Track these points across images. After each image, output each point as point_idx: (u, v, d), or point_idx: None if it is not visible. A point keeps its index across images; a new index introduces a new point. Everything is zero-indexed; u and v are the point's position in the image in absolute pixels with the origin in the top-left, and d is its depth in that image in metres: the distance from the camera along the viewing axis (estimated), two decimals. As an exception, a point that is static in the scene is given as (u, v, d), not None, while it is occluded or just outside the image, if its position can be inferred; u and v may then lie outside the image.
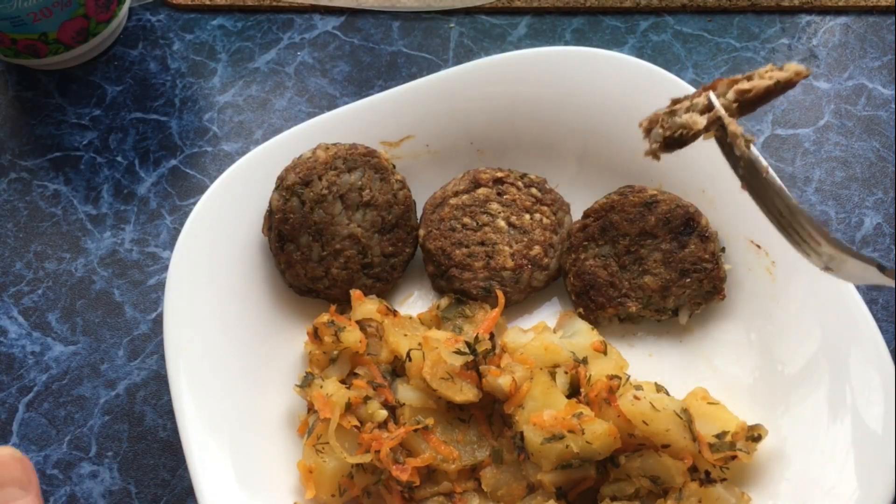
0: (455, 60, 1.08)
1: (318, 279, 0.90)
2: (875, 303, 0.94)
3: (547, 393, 0.81)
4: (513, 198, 0.93)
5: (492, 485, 0.82)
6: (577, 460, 0.79)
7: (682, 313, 0.90)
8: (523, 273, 0.91)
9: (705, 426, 0.81)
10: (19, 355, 0.95)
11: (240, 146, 1.04)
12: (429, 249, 0.92)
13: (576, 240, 0.92)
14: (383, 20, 1.10)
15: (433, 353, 0.83)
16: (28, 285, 0.98)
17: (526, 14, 1.10)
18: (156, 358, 0.94)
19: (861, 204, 0.99)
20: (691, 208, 0.90)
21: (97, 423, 0.92)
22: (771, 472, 0.82)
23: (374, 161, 0.91)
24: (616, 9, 1.09)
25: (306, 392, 0.85)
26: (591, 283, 0.91)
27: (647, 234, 0.90)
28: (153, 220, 1.01)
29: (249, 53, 1.09)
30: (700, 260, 0.89)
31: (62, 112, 1.07)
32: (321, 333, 0.86)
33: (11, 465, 0.70)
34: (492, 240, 0.92)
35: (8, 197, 1.02)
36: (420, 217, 0.94)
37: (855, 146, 1.02)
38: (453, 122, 0.95)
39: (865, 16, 1.09)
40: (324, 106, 1.06)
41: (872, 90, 1.05)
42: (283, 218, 0.89)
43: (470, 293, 0.91)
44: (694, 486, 0.79)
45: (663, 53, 1.07)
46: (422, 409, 0.83)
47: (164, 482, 0.90)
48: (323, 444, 0.81)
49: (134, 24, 1.11)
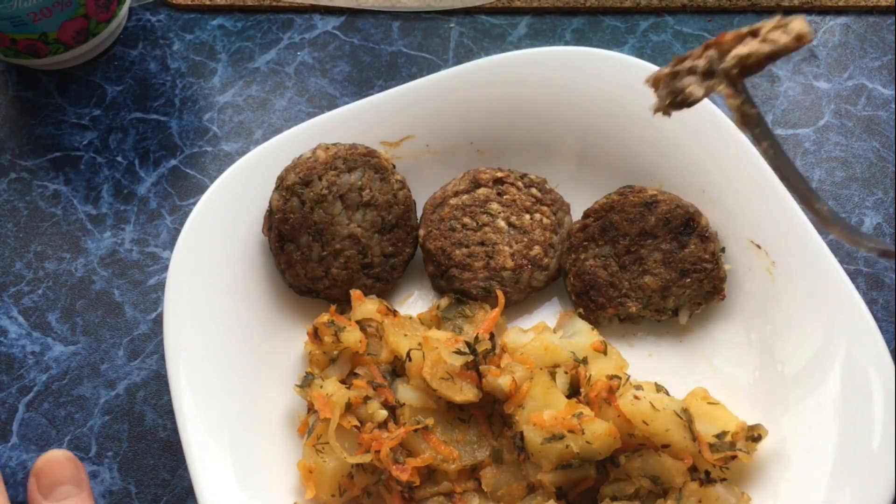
0: (455, 60, 1.08)
1: (319, 279, 0.90)
2: (875, 303, 0.94)
3: (547, 393, 0.81)
4: (513, 198, 0.93)
5: (492, 485, 0.82)
6: (577, 460, 0.79)
7: (683, 313, 0.90)
8: (523, 273, 0.91)
9: (705, 426, 0.81)
10: (19, 355, 0.95)
11: (240, 146, 1.04)
12: (429, 249, 0.92)
13: (576, 240, 0.92)
14: (383, 20, 1.10)
15: (433, 353, 0.83)
16: (28, 285, 0.98)
17: (526, 14, 1.10)
18: (156, 358, 0.94)
19: (861, 204, 0.99)
20: (691, 208, 0.90)
21: (97, 423, 0.92)
22: (771, 473, 0.82)
23: (374, 161, 0.91)
24: (616, 9, 1.09)
25: (306, 392, 0.85)
26: (591, 283, 0.91)
27: (647, 235, 0.90)
28: (153, 220, 1.01)
29: (249, 53, 1.09)
30: (700, 260, 0.89)
31: (62, 112, 1.07)
32: (321, 333, 0.86)
33: (66, 465, 0.79)
34: (492, 240, 0.92)
35: (8, 197, 1.02)
36: (420, 217, 0.94)
37: (855, 146, 1.02)
38: (453, 122, 0.95)
39: (865, 16, 1.09)
40: (324, 106, 1.06)
41: (872, 90, 1.05)
42: (283, 218, 0.89)
43: (470, 293, 0.91)
44: (694, 486, 0.79)
45: (663, 53, 1.07)
46: (422, 409, 0.83)
47: (164, 482, 0.90)
48: (323, 444, 0.81)
49: (134, 24, 1.11)
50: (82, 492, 0.79)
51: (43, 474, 0.78)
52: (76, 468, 0.80)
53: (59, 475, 0.78)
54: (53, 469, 0.78)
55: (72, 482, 0.78)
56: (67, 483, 0.78)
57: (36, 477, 0.78)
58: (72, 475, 0.79)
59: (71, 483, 0.78)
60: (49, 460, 0.79)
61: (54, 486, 0.78)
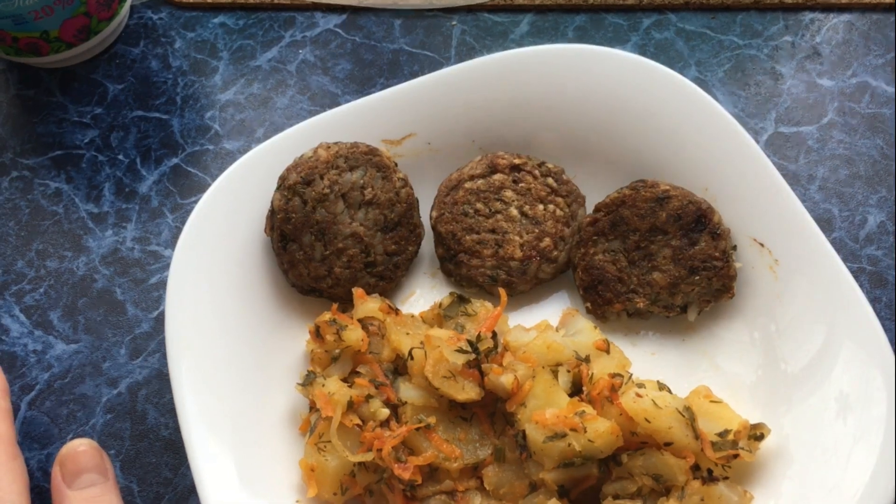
0: (457, 58, 1.08)
1: (321, 278, 0.90)
2: (878, 301, 0.94)
3: (549, 391, 0.81)
4: (528, 186, 0.93)
5: (494, 483, 0.82)
6: (579, 459, 0.79)
7: (691, 310, 0.90)
8: (531, 265, 0.91)
9: (708, 424, 0.81)
10: (21, 354, 0.95)
11: (241, 144, 1.04)
12: (440, 232, 0.92)
13: (586, 234, 0.92)
14: (385, 18, 1.10)
15: (435, 351, 0.82)
16: (30, 284, 0.98)
17: (528, 12, 1.10)
18: (157, 356, 0.94)
19: (864, 202, 0.99)
20: (703, 205, 0.89)
21: (99, 421, 0.92)
22: (773, 471, 0.82)
23: (376, 159, 0.90)
24: (619, 6, 1.09)
25: (308, 391, 0.85)
26: (600, 277, 0.91)
27: (658, 230, 0.90)
28: (155, 218, 1.01)
29: (251, 51, 1.09)
30: (710, 258, 0.89)
31: (64, 110, 1.06)
32: (323, 332, 0.86)
33: (90, 454, 0.80)
34: (503, 228, 0.92)
35: (10, 195, 1.02)
36: (434, 198, 0.94)
37: (858, 144, 1.02)
38: (455, 119, 0.95)
39: (869, 13, 1.08)
40: (325, 104, 1.06)
41: (876, 88, 1.04)
42: (286, 217, 0.89)
43: (476, 280, 0.91)
44: (696, 485, 0.79)
45: (666, 51, 1.07)
46: (424, 408, 0.83)
47: (166, 481, 0.90)
48: (325, 443, 0.81)
49: (135, 22, 1.11)
50: (107, 480, 0.80)
51: (67, 462, 0.79)
52: (100, 457, 0.81)
53: (83, 463, 0.79)
54: (77, 457, 0.79)
55: (96, 471, 0.79)
56: (92, 471, 0.79)
57: (60, 465, 0.79)
58: (96, 464, 0.80)
59: (95, 472, 0.79)
60: (73, 449, 0.80)
61: (78, 475, 0.78)
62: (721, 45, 1.07)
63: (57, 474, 0.79)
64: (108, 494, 0.78)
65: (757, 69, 1.06)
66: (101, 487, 0.78)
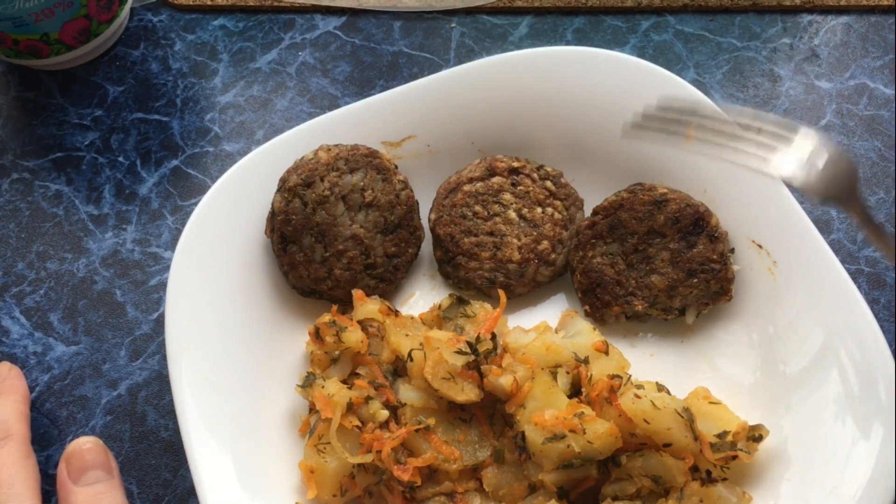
0: (456, 60, 1.08)
1: (322, 280, 0.91)
2: (877, 303, 0.94)
3: (548, 393, 0.81)
4: (527, 189, 0.93)
5: (493, 485, 0.82)
6: (578, 460, 0.79)
7: (689, 313, 0.90)
8: (529, 267, 0.91)
9: (706, 426, 0.81)
10: (21, 355, 0.95)
11: (241, 146, 1.04)
12: (438, 234, 0.92)
13: (584, 237, 0.92)
14: (384, 20, 1.10)
15: (435, 353, 0.83)
16: (30, 286, 0.98)
17: (527, 14, 1.10)
18: (157, 358, 0.94)
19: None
20: (701, 208, 0.90)
21: (99, 423, 0.92)
22: (772, 473, 0.82)
23: (376, 162, 0.91)
24: (617, 8, 1.09)
25: (308, 392, 0.85)
26: (598, 280, 0.91)
27: (656, 233, 0.90)
28: (155, 220, 1.01)
29: (251, 54, 1.09)
30: (708, 260, 0.89)
31: (64, 112, 1.07)
32: (323, 333, 0.86)
33: (95, 451, 0.81)
34: (501, 231, 0.92)
35: (10, 197, 1.03)
36: (433, 200, 0.94)
37: (856, 146, 1.02)
38: (455, 122, 0.95)
39: (867, 15, 1.09)
40: (325, 106, 1.06)
41: (874, 90, 1.05)
42: (286, 219, 0.89)
43: (474, 283, 0.91)
44: (695, 486, 0.79)
45: (665, 53, 1.07)
46: (423, 409, 0.83)
47: (165, 482, 0.90)
48: (324, 444, 0.82)
49: (135, 25, 1.11)
50: (112, 478, 0.80)
51: (73, 459, 0.80)
52: (105, 454, 0.81)
53: (88, 460, 0.79)
54: (83, 454, 0.80)
55: (101, 468, 0.80)
56: (97, 469, 0.79)
57: (66, 462, 0.80)
58: (101, 461, 0.80)
59: (100, 469, 0.80)
60: (79, 446, 0.80)
61: (84, 471, 0.79)
62: (719, 47, 1.07)
63: (63, 471, 0.79)
64: (113, 491, 0.79)
65: (755, 71, 1.06)
66: (106, 484, 0.79)
